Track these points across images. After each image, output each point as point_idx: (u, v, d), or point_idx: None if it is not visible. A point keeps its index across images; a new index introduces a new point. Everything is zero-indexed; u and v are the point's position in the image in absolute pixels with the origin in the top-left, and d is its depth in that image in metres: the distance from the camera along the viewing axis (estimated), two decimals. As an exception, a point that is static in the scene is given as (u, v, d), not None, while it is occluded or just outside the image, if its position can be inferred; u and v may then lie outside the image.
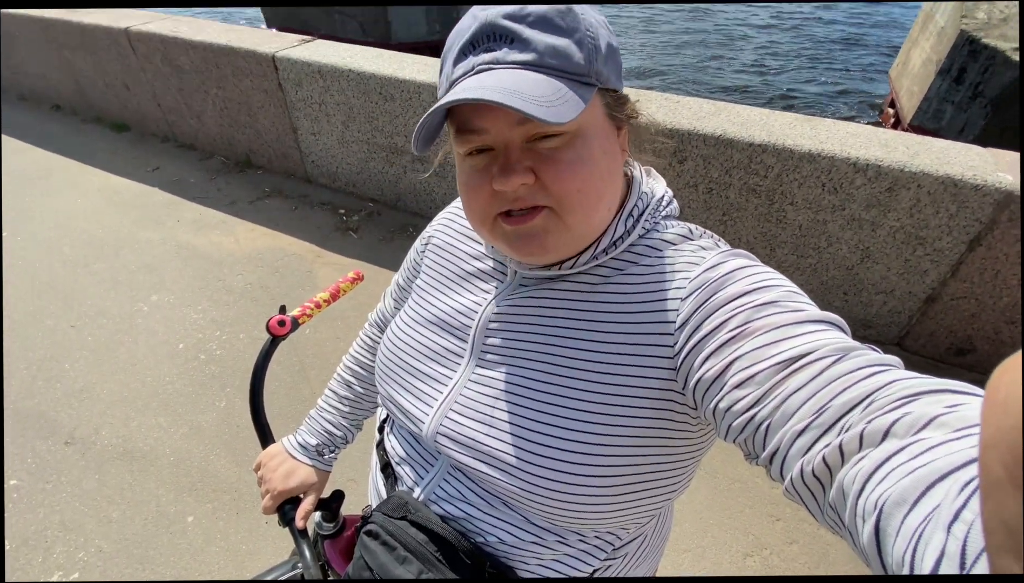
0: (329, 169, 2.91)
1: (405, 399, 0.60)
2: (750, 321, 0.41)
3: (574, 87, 0.43)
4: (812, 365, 0.36)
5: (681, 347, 0.46)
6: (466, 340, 0.57)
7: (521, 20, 0.43)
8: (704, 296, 0.45)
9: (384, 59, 2.50)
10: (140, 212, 2.80)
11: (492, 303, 0.57)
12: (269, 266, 2.45)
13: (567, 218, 0.47)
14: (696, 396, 0.44)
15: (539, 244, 0.48)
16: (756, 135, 1.84)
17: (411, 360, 0.61)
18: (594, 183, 0.47)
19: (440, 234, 0.68)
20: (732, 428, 0.40)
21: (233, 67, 2.76)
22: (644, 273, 0.51)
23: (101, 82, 3.44)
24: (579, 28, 0.44)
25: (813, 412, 0.34)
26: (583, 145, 0.46)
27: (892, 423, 0.29)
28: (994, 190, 1.59)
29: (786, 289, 0.43)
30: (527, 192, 0.46)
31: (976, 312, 1.84)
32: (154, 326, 2.11)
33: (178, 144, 3.45)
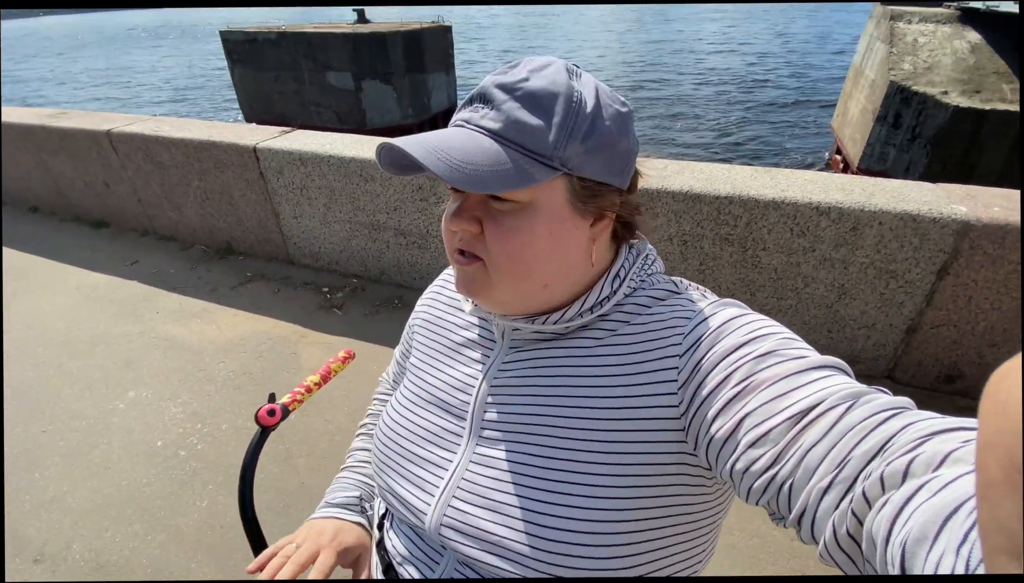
0: (311, 249, 2.94)
1: (404, 489, 0.56)
2: (753, 374, 0.41)
3: (530, 164, 0.45)
4: (826, 416, 0.36)
5: (687, 407, 0.45)
6: (464, 418, 0.55)
7: (509, 91, 0.45)
8: (702, 351, 0.45)
9: (363, 144, 2.61)
10: (118, 307, 2.75)
11: (487, 373, 0.56)
12: (253, 351, 2.40)
13: (493, 275, 0.49)
14: (709, 457, 0.43)
15: (468, 289, 0.52)
16: (721, 188, 1.93)
17: (408, 445, 0.58)
18: (526, 256, 0.48)
19: (426, 310, 0.68)
20: (753, 490, 0.39)
21: (215, 160, 2.84)
22: (637, 331, 0.51)
23: (81, 182, 3.49)
24: (566, 114, 0.45)
25: (835, 466, 0.33)
26: (528, 219, 0.47)
27: (909, 463, 0.29)
28: (951, 221, 1.68)
29: (783, 336, 0.44)
30: (471, 238, 0.49)
31: (957, 339, 1.88)
32: (131, 424, 2.01)
33: (158, 237, 3.47)
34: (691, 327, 0.47)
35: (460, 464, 0.53)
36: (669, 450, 0.46)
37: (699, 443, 0.44)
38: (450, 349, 0.61)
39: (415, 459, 0.57)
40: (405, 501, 0.56)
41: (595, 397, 0.49)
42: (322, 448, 1.89)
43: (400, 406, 0.62)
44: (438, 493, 0.53)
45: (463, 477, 0.52)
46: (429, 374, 0.62)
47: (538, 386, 0.53)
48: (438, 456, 0.55)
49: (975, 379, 1.93)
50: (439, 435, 0.56)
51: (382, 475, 0.60)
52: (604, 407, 0.49)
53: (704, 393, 0.43)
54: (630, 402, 0.48)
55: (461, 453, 0.54)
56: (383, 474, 0.60)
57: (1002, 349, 1.85)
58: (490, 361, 0.57)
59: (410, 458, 0.57)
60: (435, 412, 0.58)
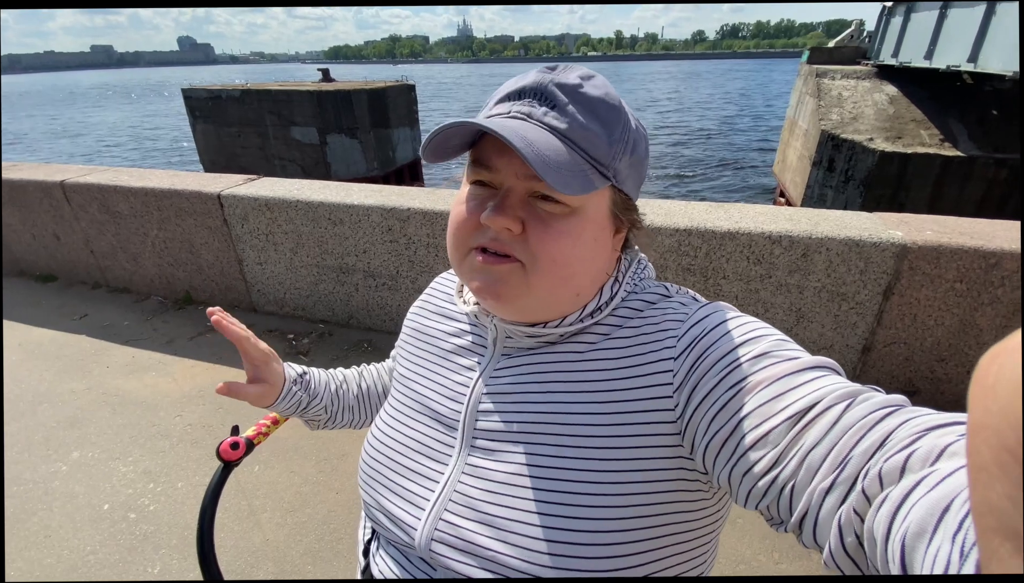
0: (276, 295, 2.87)
1: (393, 503, 0.53)
2: (749, 375, 0.41)
3: (590, 170, 0.45)
4: (824, 416, 0.36)
5: (683, 409, 0.44)
6: (455, 427, 0.54)
7: (570, 94, 0.46)
8: (697, 353, 0.45)
9: (331, 189, 2.63)
10: (64, 363, 2.58)
11: (479, 381, 0.55)
12: (211, 403, 2.28)
13: (532, 278, 0.47)
14: (706, 461, 0.42)
15: (495, 292, 0.48)
16: (680, 222, 2.03)
17: (397, 457, 0.56)
18: (572, 261, 0.47)
19: (415, 319, 0.66)
20: (753, 493, 0.38)
21: (176, 208, 2.79)
22: (630, 335, 0.50)
23: (28, 235, 3.33)
24: (618, 125, 0.47)
25: (837, 465, 0.33)
26: (577, 223, 0.47)
27: (907, 459, 0.29)
28: (890, 245, 1.81)
29: (776, 338, 0.44)
30: (508, 238, 0.47)
31: (908, 356, 1.98)
32: (74, 487, 1.84)
33: (110, 289, 3.31)
34: (685, 329, 0.47)
35: (451, 476, 0.51)
36: (666, 455, 0.45)
37: (696, 446, 0.43)
38: (440, 357, 0.60)
39: (404, 472, 0.54)
40: (394, 517, 0.53)
41: (590, 402, 0.48)
42: (288, 501, 1.77)
43: (388, 417, 0.60)
44: (429, 506, 0.51)
45: (455, 489, 0.50)
46: (418, 384, 0.60)
47: (531, 392, 0.51)
48: (428, 468, 0.53)
49: (930, 394, 2.02)
50: (429, 446, 0.54)
51: (369, 490, 0.57)
52: (599, 412, 0.48)
53: (700, 395, 0.43)
54: (625, 406, 0.47)
55: (452, 464, 0.52)
56: (371, 489, 0.57)
57: (949, 363, 1.96)
58: (481, 368, 0.56)
59: (399, 471, 0.55)
60: (425, 422, 0.56)
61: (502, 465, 0.49)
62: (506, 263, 0.47)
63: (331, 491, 1.81)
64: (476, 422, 0.53)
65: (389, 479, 0.55)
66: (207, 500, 0.75)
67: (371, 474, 0.57)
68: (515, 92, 0.48)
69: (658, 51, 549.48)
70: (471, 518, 0.48)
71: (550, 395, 0.50)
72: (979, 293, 1.81)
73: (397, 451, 0.56)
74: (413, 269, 2.50)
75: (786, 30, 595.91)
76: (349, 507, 1.75)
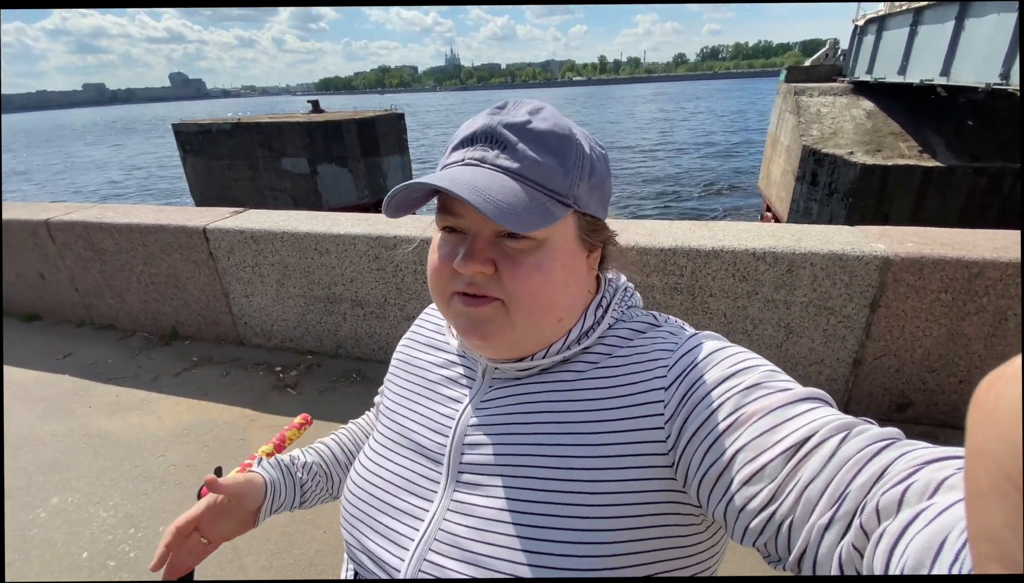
0: (264, 328, 2.84)
1: (376, 543, 0.51)
2: (741, 407, 0.41)
3: (549, 202, 0.46)
4: (820, 449, 0.35)
5: (674, 441, 0.44)
6: (441, 462, 0.52)
7: (518, 133, 0.47)
8: (688, 384, 0.45)
9: (317, 219, 2.63)
10: (46, 404, 2.52)
11: (464, 412, 0.54)
12: (197, 441, 2.22)
13: (514, 315, 0.48)
14: (700, 495, 0.42)
15: (482, 333, 0.49)
16: (664, 241, 2.04)
17: (380, 494, 0.54)
18: (547, 291, 0.48)
19: (403, 351, 0.66)
20: (750, 530, 0.37)
21: (162, 243, 2.78)
22: (619, 364, 0.50)
23: (12, 274, 3.30)
24: (570, 154, 0.48)
25: (834, 500, 0.33)
26: (545, 255, 0.48)
27: (904, 492, 0.29)
28: (873, 258, 1.83)
29: (767, 369, 0.44)
30: (483, 280, 0.48)
31: (899, 368, 1.98)
32: (52, 535, 1.78)
33: (95, 326, 3.27)
34: (675, 359, 0.47)
35: (437, 513, 0.50)
36: (657, 488, 0.45)
37: (689, 480, 0.42)
38: (426, 389, 0.59)
39: (387, 509, 0.53)
40: (376, 557, 0.51)
41: (578, 433, 0.48)
42: (274, 543, 1.72)
43: (372, 452, 0.58)
44: (413, 546, 0.49)
45: (440, 528, 0.49)
46: (403, 416, 0.58)
47: (519, 424, 0.51)
48: (412, 505, 0.52)
49: (923, 405, 2.01)
50: (414, 482, 0.53)
51: (351, 530, 0.55)
52: (587, 443, 0.47)
53: (692, 427, 0.42)
54: (615, 437, 0.46)
55: (438, 501, 0.51)
56: (352, 529, 0.55)
57: (941, 374, 1.96)
58: (468, 399, 0.55)
59: (381, 509, 0.53)
60: (409, 457, 0.55)
61: (488, 500, 0.48)
62: (487, 303, 0.48)
63: (318, 530, 1.75)
64: (462, 456, 0.52)
65: (371, 517, 0.53)
66: None
67: (353, 513, 0.56)
68: (467, 138, 0.49)
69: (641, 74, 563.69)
70: (456, 558, 0.47)
71: (537, 425, 0.50)
72: (964, 303, 1.82)
73: (380, 488, 0.55)
74: (401, 296, 2.48)
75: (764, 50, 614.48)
76: (336, 548, 1.70)
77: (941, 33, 8.06)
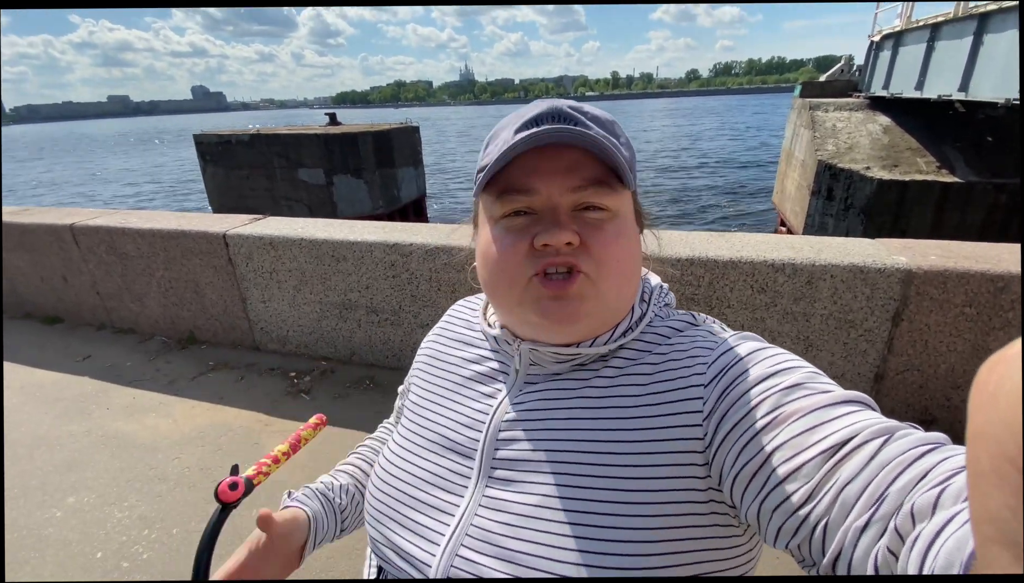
0: (279, 334, 2.87)
1: (405, 538, 0.50)
2: (781, 405, 0.40)
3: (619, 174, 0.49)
4: (861, 450, 0.35)
5: (711, 437, 0.43)
6: (472, 457, 0.51)
7: (581, 112, 0.49)
8: (727, 382, 0.44)
9: (335, 226, 2.66)
10: (64, 405, 2.56)
11: (499, 408, 0.53)
12: (211, 444, 2.24)
13: (602, 284, 0.48)
14: (735, 493, 0.41)
15: (573, 311, 0.48)
16: (681, 251, 2.03)
17: (409, 490, 0.53)
18: (629, 260, 0.50)
19: (431, 347, 0.65)
20: (784, 529, 0.36)
21: (183, 248, 2.83)
22: (658, 361, 0.50)
23: (37, 278, 3.38)
24: (621, 137, 0.51)
25: (873, 502, 0.32)
26: (623, 224, 0.50)
27: (939, 494, 0.29)
28: (895, 270, 1.80)
29: (808, 370, 0.43)
30: (569, 252, 0.47)
31: (923, 383, 1.93)
32: (68, 534, 1.79)
33: (115, 330, 3.32)
34: (715, 357, 0.47)
35: (468, 509, 0.49)
36: (695, 486, 0.44)
37: (724, 477, 0.42)
38: (457, 384, 0.58)
39: (416, 505, 0.52)
40: (405, 553, 0.50)
41: (616, 429, 0.47)
42: (286, 546, 1.71)
43: (398, 448, 0.58)
44: (444, 542, 0.48)
45: (471, 523, 0.48)
46: (432, 412, 0.58)
47: (555, 419, 0.50)
48: (443, 500, 0.51)
49: (947, 422, 1.96)
50: (444, 477, 0.52)
51: (378, 526, 0.54)
52: (626, 440, 0.46)
53: (729, 424, 0.42)
54: (654, 435, 0.46)
55: (469, 496, 0.50)
56: (379, 525, 0.54)
57: (966, 391, 1.90)
58: (503, 395, 0.54)
59: (410, 504, 0.52)
60: (439, 452, 0.54)
61: (522, 496, 0.47)
62: (574, 281, 0.47)
63: (331, 535, 1.74)
64: (496, 451, 0.51)
65: (399, 513, 0.52)
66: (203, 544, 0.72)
67: (379, 508, 0.55)
68: (531, 120, 0.49)
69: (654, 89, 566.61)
70: (489, 554, 0.46)
71: (574, 421, 0.49)
72: (990, 317, 1.78)
73: (408, 482, 0.54)
74: (415, 304, 2.49)
75: (777, 66, 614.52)
76: (350, 554, 1.69)
77: (959, 48, 8.00)
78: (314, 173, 15.37)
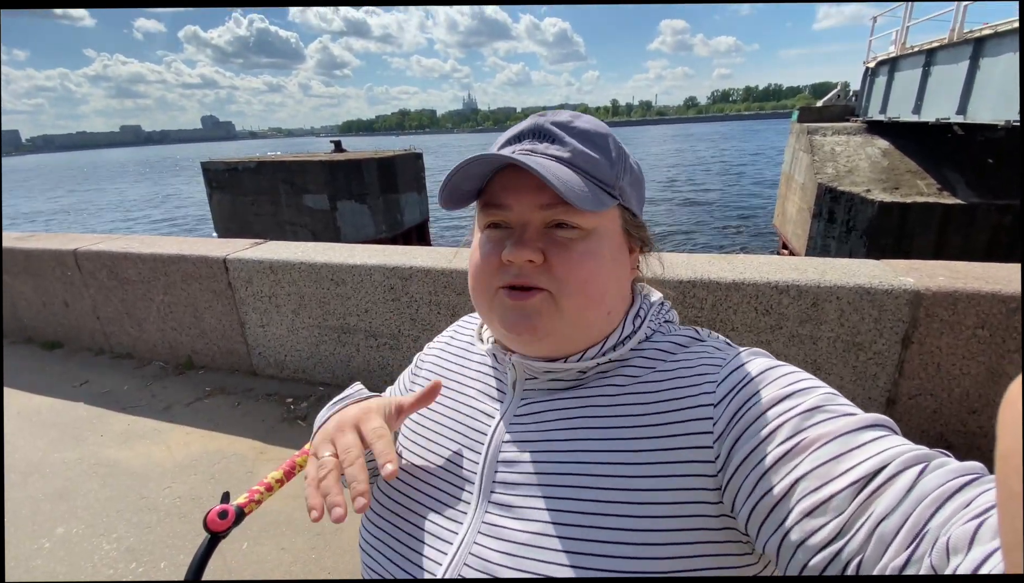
0: (277, 358, 2.83)
1: (399, 566, 0.48)
2: (801, 431, 0.37)
3: (599, 192, 0.48)
4: (894, 482, 0.32)
5: (724, 461, 0.40)
6: (472, 481, 0.49)
7: (564, 128, 0.49)
8: (739, 402, 0.42)
9: (335, 250, 2.66)
10: (59, 431, 2.52)
11: (498, 428, 0.51)
12: (204, 473, 2.18)
13: (563, 302, 0.47)
14: (750, 525, 0.38)
15: (530, 325, 0.47)
16: (683, 273, 2.00)
17: (406, 514, 0.51)
18: (598, 279, 0.48)
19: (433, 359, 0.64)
20: (810, 567, 0.33)
21: (183, 273, 2.82)
22: (663, 379, 0.48)
23: (39, 302, 3.38)
24: (611, 150, 0.50)
25: (911, 539, 0.30)
26: (596, 243, 0.48)
27: (977, 528, 0.27)
28: (903, 291, 1.76)
29: (826, 391, 0.41)
30: (532, 270, 0.47)
31: (937, 408, 1.87)
32: (54, 567, 1.73)
33: (113, 355, 3.30)
34: (724, 375, 0.45)
35: (467, 536, 0.46)
36: (707, 512, 0.41)
37: (738, 507, 0.39)
38: (456, 403, 0.57)
39: (414, 531, 0.49)
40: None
41: (620, 452, 0.44)
42: (278, 581, 1.65)
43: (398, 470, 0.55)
44: (441, 571, 0.45)
45: (470, 552, 0.45)
46: (431, 431, 0.56)
47: (556, 440, 0.47)
48: (441, 527, 0.48)
49: (964, 448, 1.89)
50: (443, 502, 0.50)
51: (372, 553, 0.51)
52: (630, 461, 0.43)
53: (745, 450, 0.39)
54: (660, 457, 0.43)
55: (468, 523, 0.47)
56: (374, 552, 0.51)
57: (982, 415, 1.84)
58: (500, 413, 0.52)
59: (407, 530, 0.50)
60: (438, 474, 0.52)
61: (523, 523, 0.44)
62: (535, 295, 0.47)
63: (323, 571, 1.68)
64: (495, 474, 0.48)
65: (395, 539, 0.50)
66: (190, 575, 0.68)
67: (374, 535, 0.52)
68: (513, 137, 0.51)
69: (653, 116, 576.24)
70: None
71: (577, 442, 0.46)
72: (1003, 339, 1.73)
73: (406, 506, 0.51)
74: (415, 328, 2.46)
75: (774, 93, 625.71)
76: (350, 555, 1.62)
77: (955, 73, 8.10)
78: (318, 199, 15.57)
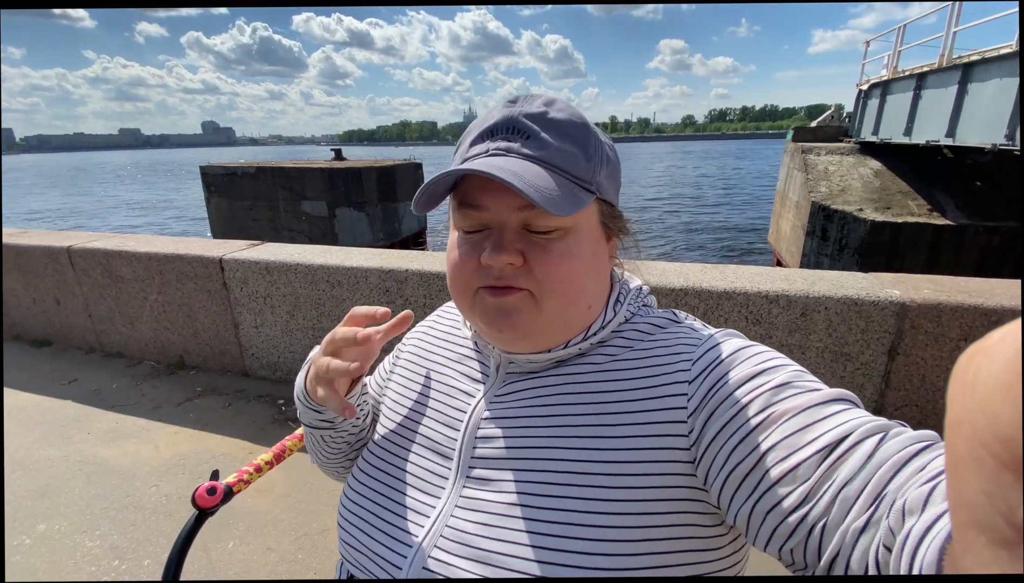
0: (270, 360, 2.83)
1: (376, 541, 0.49)
2: (771, 405, 0.40)
3: (575, 189, 0.47)
4: (857, 449, 0.35)
5: (697, 436, 0.42)
6: (451, 457, 0.51)
7: (539, 122, 0.48)
8: (713, 379, 0.44)
9: (331, 253, 2.67)
10: (45, 429, 2.49)
11: (478, 406, 0.52)
12: (191, 472, 2.17)
13: (543, 302, 0.48)
14: (723, 495, 0.40)
15: (511, 323, 0.48)
16: (675, 282, 2.03)
17: (384, 490, 0.52)
18: (577, 277, 0.48)
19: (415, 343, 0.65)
20: (779, 532, 0.35)
21: (178, 272, 2.82)
22: (640, 357, 0.49)
23: (29, 299, 3.36)
24: (590, 142, 0.49)
25: (871, 502, 0.32)
26: (574, 241, 0.48)
27: (931, 491, 0.29)
28: (889, 303, 1.79)
29: (794, 368, 0.43)
30: (512, 272, 0.47)
31: (922, 419, 1.90)
32: (35, 563, 1.71)
33: (104, 354, 3.28)
34: (699, 353, 0.46)
35: (444, 509, 0.48)
36: (678, 484, 0.43)
37: (711, 478, 0.41)
38: (438, 384, 0.58)
39: (392, 505, 0.50)
40: (377, 556, 0.48)
41: (596, 426, 0.46)
42: (262, 581, 1.63)
43: (376, 447, 0.56)
44: (416, 543, 0.46)
45: (447, 524, 0.46)
46: (411, 410, 0.57)
47: (534, 416, 0.49)
48: (420, 501, 0.49)
49: (948, 461, 1.91)
50: (422, 477, 0.51)
51: (350, 529, 0.52)
52: (606, 435, 0.45)
53: (718, 424, 0.41)
54: (635, 431, 0.44)
55: (446, 497, 0.48)
56: (352, 527, 0.52)
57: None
58: (481, 393, 0.54)
59: (387, 506, 0.50)
60: (416, 452, 0.53)
61: (499, 495, 0.46)
62: (514, 293, 0.48)
63: (309, 571, 1.66)
64: (474, 450, 0.50)
65: (373, 513, 0.51)
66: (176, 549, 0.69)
67: (353, 510, 0.53)
68: (487, 131, 0.49)
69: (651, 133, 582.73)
70: (464, 555, 0.44)
71: (553, 418, 0.48)
72: (986, 352, 1.76)
73: (384, 482, 0.52)
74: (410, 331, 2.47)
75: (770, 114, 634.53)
76: None
77: (945, 96, 8.29)
78: (317, 205, 15.60)
